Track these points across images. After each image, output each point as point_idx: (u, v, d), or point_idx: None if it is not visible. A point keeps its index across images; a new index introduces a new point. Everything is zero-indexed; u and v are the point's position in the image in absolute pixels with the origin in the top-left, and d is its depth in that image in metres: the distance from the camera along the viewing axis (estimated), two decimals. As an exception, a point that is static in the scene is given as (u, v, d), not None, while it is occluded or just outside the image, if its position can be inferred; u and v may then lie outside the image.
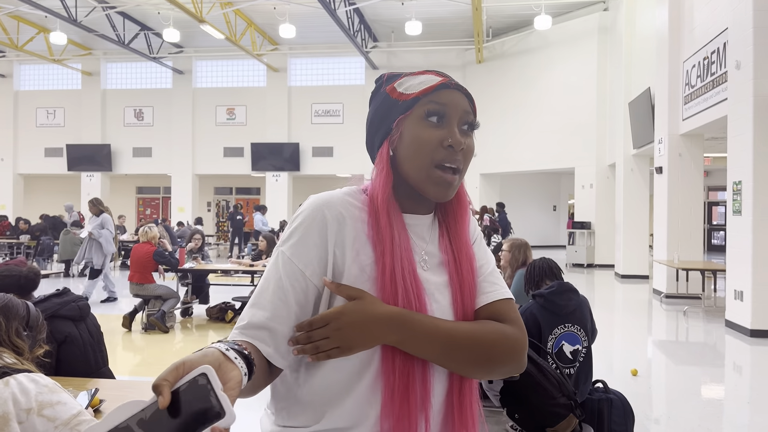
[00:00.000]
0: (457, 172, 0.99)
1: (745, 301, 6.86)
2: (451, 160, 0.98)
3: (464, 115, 1.01)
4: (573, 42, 15.65)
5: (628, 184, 12.60)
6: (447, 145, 0.97)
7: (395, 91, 1.02)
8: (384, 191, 0.99)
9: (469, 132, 1.02)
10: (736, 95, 7.18)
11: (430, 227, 1.06)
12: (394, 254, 0.95)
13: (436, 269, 1.02)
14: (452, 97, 1.00)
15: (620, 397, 3.09)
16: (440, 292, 1.00)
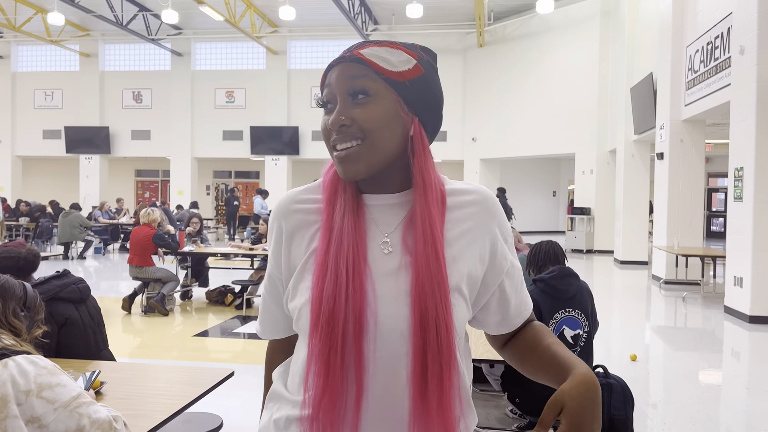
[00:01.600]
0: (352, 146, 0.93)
1: (745, 288, 6.87)
2: (339, 140, 0.93)
3: (350, 84, 0.93)
4: (575, 26, 15.53)
5: (628, 170, 12.57)
6: (329, 127, 0.95)
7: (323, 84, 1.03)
8: (328, 173, 1.01)
9: (361, 99, 0.93)
10: (739, 81, 7.13)
11: (399, 207, 0.98)
12: (332, 239, 0.93)
13: (400, 252, 0.94)
14: (334, 75, 0.95)
15: (620, 382, 3.09)
16: (397, 277, 0.92)
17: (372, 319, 0.90)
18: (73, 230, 12.18)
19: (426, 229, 0.92)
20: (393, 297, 0.91)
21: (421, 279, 0.90)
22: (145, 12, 17.19)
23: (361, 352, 0.88)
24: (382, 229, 0.96)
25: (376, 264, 0.93)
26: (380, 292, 0.91)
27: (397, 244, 0.95)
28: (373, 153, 0.92)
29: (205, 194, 22.86)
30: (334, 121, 0.92)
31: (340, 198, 0.97)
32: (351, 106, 0.93)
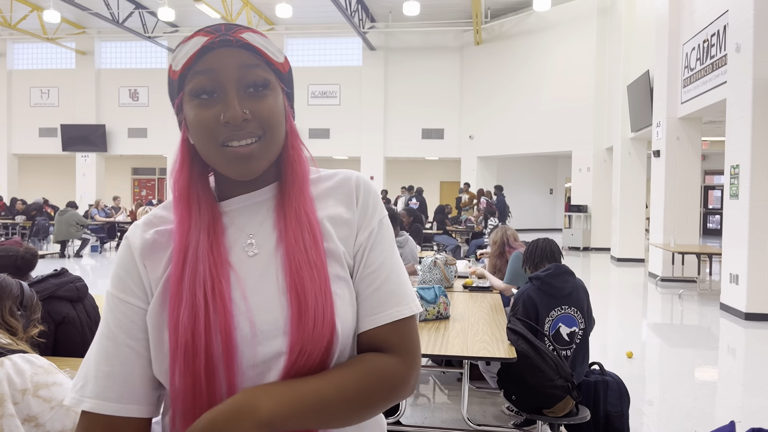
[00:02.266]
0: (252, 143, 0.82)
1: (741, 285, 6.89)
2: (236, 137, 0.81)
3: (243, 74, 0.82)
4: (572, 24, 15.53)
5: (625, 167, 12.59)
6: (223, 121, 0.80)
7: (170, 68, 0.86)
8: (178, 185, 0.86)
9: (258, 93, 0.83)
10: (735, 79, 7.14)
11: (264, 205, 0.89)
12: (186, 262, 0.81)
13: (272, 252, 0.85)
14: (220, 60, 0.82)
15: (616, 379, 3.10)
16: (269, 277, 0.83)
17: (247, 335, 0.79)
18: (69, 228, 12.16)
19: (300, 214, 0.85)
20: (267, 299, 0.81)
21: (295, 266, 0.81)
22: (142, 9, 17.15)
23: (233, 380, 0.77)
24: (247, 231, 0.87)
25: (243, 270, 0.83)
26: (254, 301, 0.81)
27: (265, 242, 0.86)
28: (270, 150, 0.84)
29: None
30: (235, 115, 0.80)
31: (194, 215, 0.84)
32: (247, 98, 0.82)
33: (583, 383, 3.05)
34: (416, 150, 19.45)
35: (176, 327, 0.77)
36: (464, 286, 4.41)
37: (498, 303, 3.82)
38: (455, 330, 3.03)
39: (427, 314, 3.20)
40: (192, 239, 0.82)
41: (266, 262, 0.84)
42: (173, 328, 0.77)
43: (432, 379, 4.41)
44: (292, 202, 0.86)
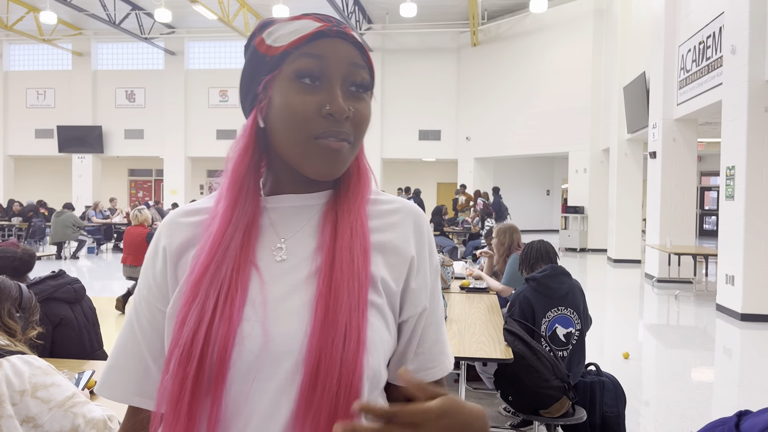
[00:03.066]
0: (344, 144, 0.77)
1: (737, 286, 6.92)
2: (335, 133, 0.75)
3: (351, 71, 0.77)
4: (568, 25, 15.57)
5: (621, 168, 12.62)
6: (326, 113, 0.74)
7: (263, 44, 0.79)
8: (234, 173, 0.79)
9: (359, 94, 0.78)
10: (731, 80, 7.18)
11: (309, 210, 0.82)
12: (214, 256, 0.74)
13: (305, 260, 0.77)
14: (333, 49, 0.76)
15: (612, 380, 3.12)
16: (298, 289, 0.75)
17: (258, 345, 0.71)
18: (65, 230, 12.14)
19: (355, 226, 0.78)
20: (289, 309, 0.74)
21: (335, 280, 0.73)
22: (138, 11, 17.13)
23: (219, 394, 0.70)
24: (280, 233, 0.80)
25: (267, 274, 0.76)
26: (272, 309, 0.74)
27: (299, 249, 0.79)
28: (353, 157, 0.79)
29: (199, 193, 22.81)
30: (341, 109, 0.74)
31: (239, 209, 0.78)
32: (349, 97, 0.77)
33: (580, 384, 3.07)
34: (413, 151, 19.47)
35: (181, 325, 0.73)
36: (461, 288, 4.42)
37: (495, 304, 3.83)
38: (452, 331, 3.04)
39: (424, 315, 3.21)
40: (227, 236, 0.76)
41: (296, 269, 0.77)
42: (179, 325, 0.73)
43: (429, 380, 4.41)
44: (347, 212, 0.79)
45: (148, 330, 0.80)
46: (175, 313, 0.75)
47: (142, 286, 0.82)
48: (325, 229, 0.79)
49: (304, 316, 0.73)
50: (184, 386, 0.70)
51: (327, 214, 0.80)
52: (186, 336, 0.71)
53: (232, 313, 0.72)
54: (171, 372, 0.71)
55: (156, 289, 0.80)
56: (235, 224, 0.77)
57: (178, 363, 0.70)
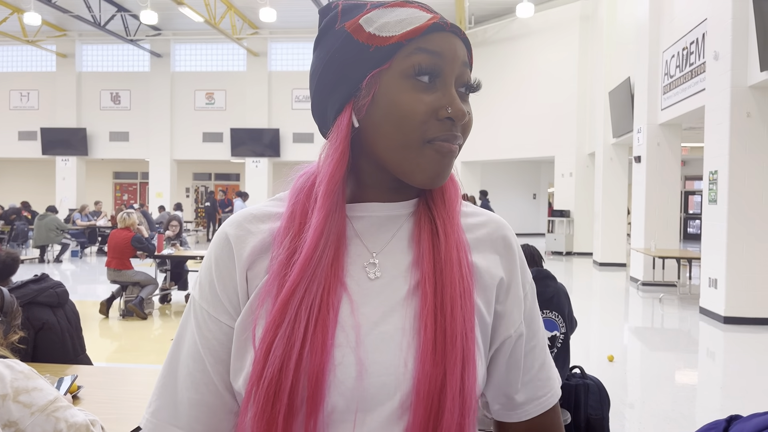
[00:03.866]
0: (456, 148, 0.70)
1: (719, 289, 6.99)
2: (451, 137, 0.67)
3: (464, 73, 0.70)
4: (555, 30, 15.70)
5: (607, 173, 12.73)
6: (446, 115, 0.66)
7: (362, 31, 0.68)
8: (331, 180, 0.69)
9: (466, 96, 0.71)
10: (713, 86, 7.27)
11: (397, 221, 0.74)
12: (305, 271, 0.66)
13: (400, 277, 0.70)
14: (449, 45, 0.68)
15: (597, 383, 3.14)
16: (394, 310, 0.68)
17: (351, 375, 0.64)
18: (49, 233, 12.00)
19: (453, 240, 0.70)
20: (387, 335, 0.66)
21: (442, 302, 0.66)
22: (124, 12, 17.02)
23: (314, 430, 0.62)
24: (370, 247, 0.72)
25: (360, 294, 0.68)
26: (367, 334, 0.66)
27: (391, 265, 0.70)
28: (454, 161, 0.71)
29: (185, 196, 22.68)
30: (462, 112, 0.67)
31: (330, 221, 0.69)
32: (463, 100, 0.70)
33: (564, 387, 3.08)
34: (400, 155, 19.48)
35: (266, 354, 0.63)
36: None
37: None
38: (438, 334, 3.04)
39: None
40: (319, 250, 0.67)
41: (390, 287, 0.69)
42: (263, 353, 0.63)
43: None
44: (447, 222, 0.71)
45: (219, 351, 0.69)
46: (249, 331, 0.66)
47: (201, 302, 0.71)
48: (422, 241, 0.70)
49: (404, 341, 0.65)
50: (273, 427, 0.61)
51: (421, 225, 0.72)
52: (273, 367, 0.62)
53: (326, 340, 0.63)
54: (255, 411, 0.62)
55: (227, 303, 0.69)
56: (327, 237, 0.68)
57: (264, 400, 0.61)
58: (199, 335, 0.70)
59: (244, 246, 0.71)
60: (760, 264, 6.81)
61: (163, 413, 0.70)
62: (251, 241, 0.71)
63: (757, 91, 6.70)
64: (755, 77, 6.50)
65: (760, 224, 6.80)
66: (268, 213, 0.74)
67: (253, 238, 0.71)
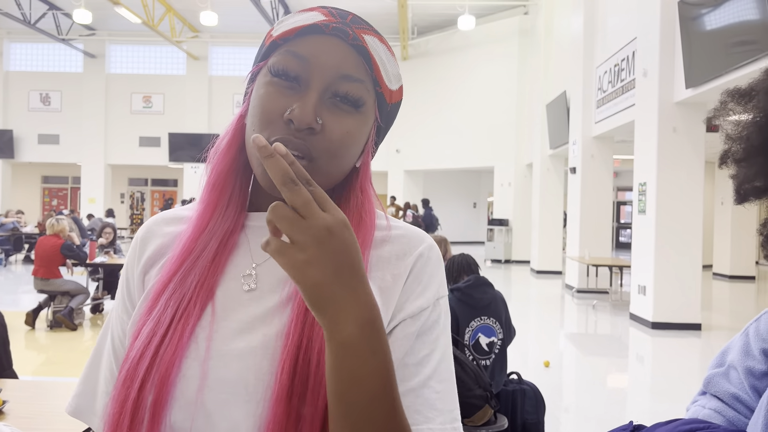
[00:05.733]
0: (301, 158, 0.63)
1: (648, 296, 7.30)
2: (287, 141, 0.62)
3: (337, 79, 0.65)
4: (495, 43, 16.09)
5: (544, 183, 13.11)
6: (287, 118, 0.63)
7: (269, 33, 0.70)
8: (217, 168, 0.69)
9: (345, 107, 0.65)
10: (642, 101, 7.61)
11: None
12: (179, 270, 0.66)
13: (274, 290, 0.67)
14: (323, 52, 0.64)
15: (533, 388, 3.21)
16: (260, 326, 0.64)
17: (192, 389, 0.61)
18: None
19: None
20: (244, 352, 0.63)
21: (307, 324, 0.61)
22: (56, 10, 16.36)
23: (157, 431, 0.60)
24: (254, 257, 0.69)
25: (226, 305, 0.66)
26: (220, 348, 0.63)
27: (273, 280, 0.67)
28: (316, 179, 0.65)
29: (120, 202, 21.90)
30: (305, 118, 0.62)
31: (218, 214, 0.69)
32: (328, 108, 0.65)
33: (502, 392, 3.14)
34: (343, 163, 19.51)
35: (135, 337, 0.64)
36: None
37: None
38: (379, 342, 3.04)
39: (351, 327, 3.21)
40: (201, 243, 0.67)
41: (261, 303, 0.66)
42: (133, 337, 0.64)
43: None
44: None
45: (120, 351, 0.70)
46: (134, 323, 0.67)
47: (117, 298, 0.74)
48: None
49: (266, 366, 0.61)
50: (123, 409, 0.61)
51: None
52: (136, 351, 0.63)
53: (176, 351, 0.61)
54: (115, 391, 0.63)
55: (127, 302, 0.72)
56: (211, 231, 0.67)
57: (122, 381, 0.62)
58: (111, 333, 0.72)
59: (146, 248, 0.72)
60: (686, 272, 7.15)
61: (84, 400, 0.72)
62: (153, 243, 0.72)
63: (683, 107, 7.06)
64: (681, 94, 6.85)
65: (686, 234, 7.15)
66: (179, 216, 0.74)
67: (156, 240, 0.73)
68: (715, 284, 11.80)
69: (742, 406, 0.63)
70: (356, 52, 0.66)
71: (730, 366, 0.66)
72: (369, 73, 0.67)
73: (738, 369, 0.64)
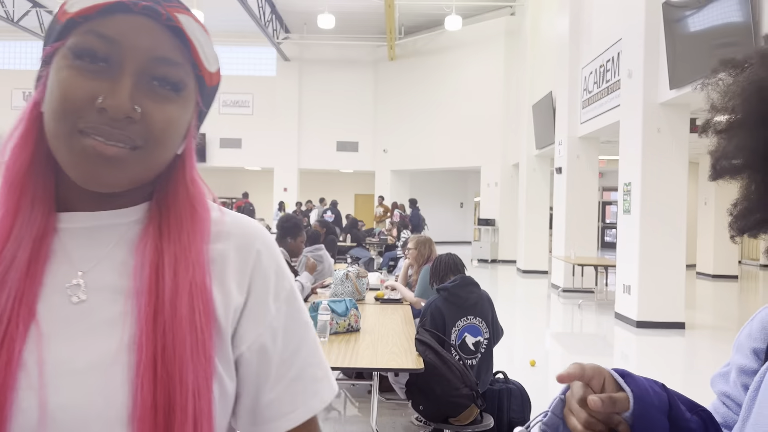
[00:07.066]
0: (122, 149, 0.58)
1: (632, 295, 7.36)
2: (106, 132, 0.57)
3: (154, 62, 0.59)
4: (482, 44, 16.15)
5: (530, 183, 13.18)
6: (100, 107, 0.56)
7: (62, 9, 0.60)
8: (13, 167, 0.61)
9: (165, 92, 0.60)
10: (627, 102, 7.68)
11: (116, 230, 0.63)
12: None
13: (112, 299, 0.60)
14: (132, 33, 0.58)
15: (519, 387, 3.23)
16: (102, 339, 0.58)
17: (31, 424, 0.54)
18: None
19: (190, 258, 0.61)
20: (86, 371, 0.56)
21: (168, 326, 0.57)
22: (39, 8, 16.17)
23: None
24: (77, 264, 0.61)
25: (53, 322, 0.58)
26: (55, 372, 0.56)
27: (104, 286, 0.60)
28: (144, 168, 0.60)
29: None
30: (121, 105, 0.56)
31: (22, 217, 0.59)
32: (146, 94, 0.59)
33: (488, 391, 3.16)
34: (331, 162, 19.48)
35: None
36: (376, 299, 4.45)
37: (408, 315, 3.88)
38: (365, 342, 3.05)
39: (338, 327, 3.21)
40: (8, 253, 0.58)
41: (97, 315, 0.59)
42: None
43: (343, 392, 4.40)
44: (182, 231, 0.63)
45: None
46: None
47: None
48: (145, 254, 0.61)
49: (118, 382, 0.56)
50: None
51: (146, 235, 0.62)
52: None
53: (11, 361, 0.54)
54: None
55: None
56: (18, 239, 0.58)
57: None
58: None
59: None
60: (669, 271, 7.22)
61: None
62: None
63: (667, 108, 7.13)
64: (665, 95, 6.92)
65: (670, 234, 7.22)
66: None
67: None
68: (698, 283, 11.94)
69: (733, 403, 0.66)
70: (171, 33, 0.61)
71: (732, 366, 0.68)
72: (187, 55, 0.62)
73: (735, 368, 0.67)
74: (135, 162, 0.59)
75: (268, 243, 0.70)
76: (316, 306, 3.14)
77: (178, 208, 0.64)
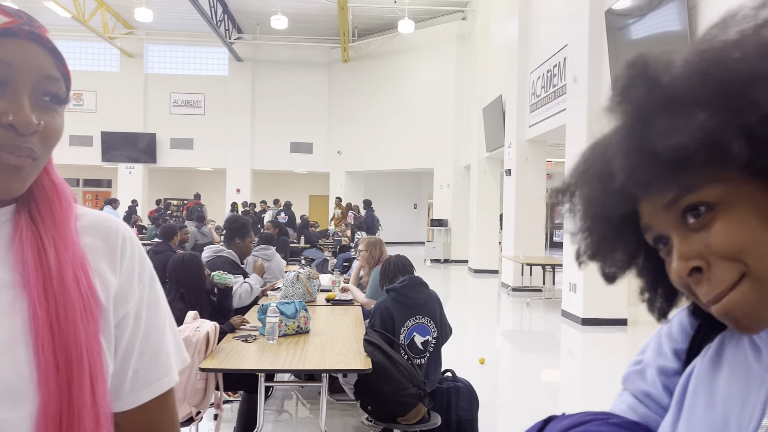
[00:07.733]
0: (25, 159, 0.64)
1: (578, 293, 7.59)
2: (16, 148, 0.63)
3: (43, 80, 0.66)
4: (434, 47, 16.34)
5: (481, 185, 13.41)
6: (7, 123, 0.62)
7: None
8: None
9: (53, 106, 0.68)
10: (573, 107, 7.91)
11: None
12: None
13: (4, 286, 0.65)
14: (23, 56, 0.64)
15: (467, 385, 3.30)
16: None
17: None
18: None
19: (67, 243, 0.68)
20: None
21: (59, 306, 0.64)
22: (-22, 2, 15.53)
23: None
24: None
25: None
26: None
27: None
28: (35, 174, 0.68)
29: None
30: (27, 121, 0.63)
31: None
32: (41, 108, 0.66)
33: (437, 390, 3.22)
34: (285, 163, 19.35)
35: None
36: (327, 300, 4.47)
37: (359, 316, 3.91)
38: (315, 344, 3.07)
39: (287, 329, 3.21)
40: None
41: None
42: None
43: (294, 394, 4.40)
44: (56, 225, 0.69)
45: None
46: None
47: None
48: (23, 247, 0.66)
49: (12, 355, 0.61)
50: None
51: (21, 231, 0.67)
52: None
53: None
54: None
55: None
56: None
57: None
58: None
59: None
60: (613, 269, 7.46)
61: None
62: None
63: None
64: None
65: (613, 233, 7.46)
66: None
67: None
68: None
69: (654, 404, 0.67)
70: (50, 53, 0.68)
71: (646, 365, 0.69)
72: (62, 70, 0.70)
73: (652, 368, 0.68)
74: (34, 170, 0.66)
75: (129, 231, 0.78)
76: (264, 308, 3.14)
77: (46, 194, 0.71)
